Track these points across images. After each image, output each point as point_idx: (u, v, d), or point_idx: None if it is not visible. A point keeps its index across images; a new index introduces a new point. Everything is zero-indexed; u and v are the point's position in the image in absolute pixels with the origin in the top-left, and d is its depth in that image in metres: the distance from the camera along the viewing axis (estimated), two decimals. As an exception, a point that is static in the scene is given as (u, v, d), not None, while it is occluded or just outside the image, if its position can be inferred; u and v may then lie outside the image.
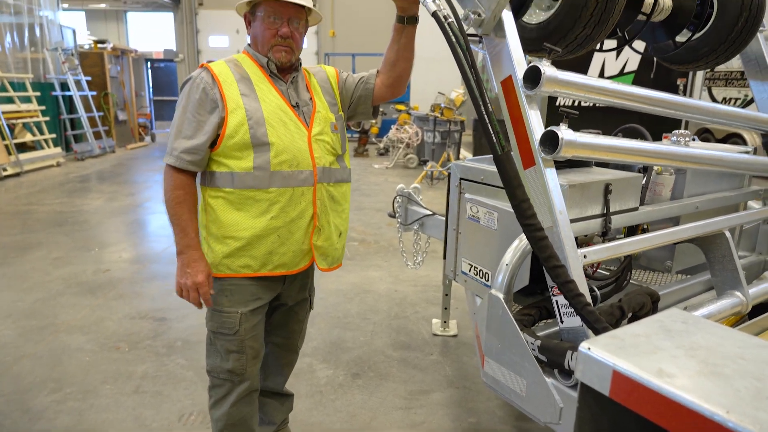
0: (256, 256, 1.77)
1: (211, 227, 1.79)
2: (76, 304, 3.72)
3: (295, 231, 1.80)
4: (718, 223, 1.93)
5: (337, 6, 16.58)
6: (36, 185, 8.15)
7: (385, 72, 1.96)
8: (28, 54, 10.59)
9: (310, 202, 1.81)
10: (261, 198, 1.73)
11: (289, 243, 1.80)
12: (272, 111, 1.74)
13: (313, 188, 1.80)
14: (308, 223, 1.82)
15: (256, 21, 1.77)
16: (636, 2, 1.89)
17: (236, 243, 1.75)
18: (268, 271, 1.80)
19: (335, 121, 1.91)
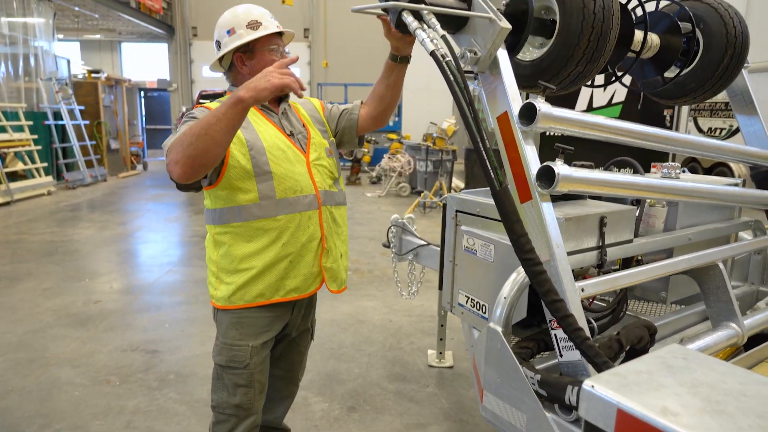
0: (270, 284, 1.78)
1: (222, 262, 1.79)
2: (66, 336, 3.66)
3: (305, 254, 1.82)
4: (711, 255, 1.95)
5: (329, 37, 16.90)
6: (26, 214, 8.09)
7: (372, 105, 2.02)
8: (22, 84, 10.64)
9: (318, 225, 1.85)
10: (270, 227, 1.75)
11: (300, 266, 1.82)
12: (271, 141, 1.77)
13: (318, 211, 1.85)
14: (317, 245, 1.85)
15: (256, 57, 1.82)
16: (626, 40, 1.95)
17: (249, 273, 1.76)
18: (281, 297, 1.81)
19: (329, 146, 1.97)
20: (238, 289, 1.77)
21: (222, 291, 1.79)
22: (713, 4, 2.21)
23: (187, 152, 1.47)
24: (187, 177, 1.51)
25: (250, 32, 1.80)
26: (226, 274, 1.79)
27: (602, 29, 1.67)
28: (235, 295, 1.78)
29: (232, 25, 1.82)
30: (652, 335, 1.66)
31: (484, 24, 1.55)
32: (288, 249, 1.78)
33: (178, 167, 1.49)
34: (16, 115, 9.97)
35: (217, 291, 1.81)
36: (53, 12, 11.74)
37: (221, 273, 1.80)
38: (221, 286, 1.79)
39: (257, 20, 1.82)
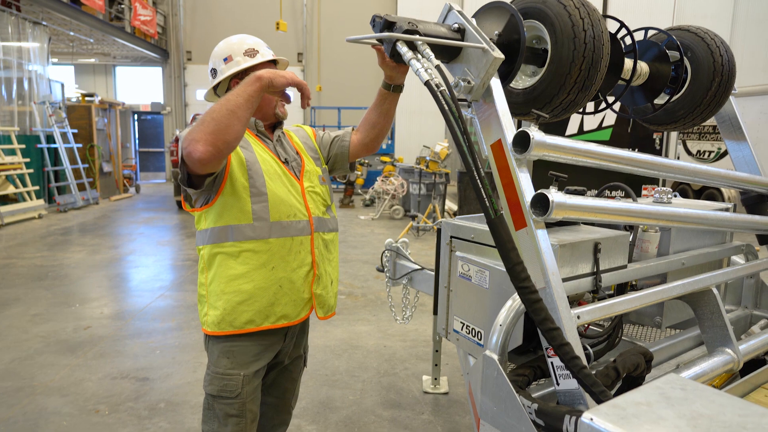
0: (259, 310, 1.77)
1: (212, 285, 1.78)
2: (55, 363, 3.59)
3: (296, 280, 1.82)
4: (705, 281, 1.96)
5: (323, 62, 17.09)
6: (16, 238, 8.01)
7: (364, 131, 2.05)
8: (15, 107, 10.64)
9: (309, 251, 1.85)
10: (261, 249, 1.75)
11: (290, 293, 1.81)
12: (268, 164, 1.80)
13: (310, 237, 1.85)
14: (308, 271, 1.85)
15: None
16: (616, 68, 1.99)
17: (238, 297, 1.75)
18: (270, 323, 1.79)
19: (322, 174, 1.99)
20: (226, 314, 1.75)
21: (211, 316, 1.77)
22: (700, 33, 2.26)
23: (209, 129, 1.47)
24: (209, 156, 1.49)
25: (248, 59, 1.83)
26: (214, 297, 1.77)
27: (593, 58, 1.70)
28: (224, 320, 1.76)
29: (229, 53, 1.84)
30: (649, 362, 1.65)
31: (478, 54, 1.58)
32: (278, 273, 1.77)
33: (200, 145, 1.47)
34: (8, 139, 9.94)
35: (207, 316, 1.79)
36: (48, 36, 11.81)
37: (210, 297, 1.79)
38: (210, 310, 1.78)
39: (254, 48, 1.86)
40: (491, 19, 1.76)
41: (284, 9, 16.35)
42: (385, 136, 2.07)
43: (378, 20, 1.53)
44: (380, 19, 1.52)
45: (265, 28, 14.27)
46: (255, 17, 15.96)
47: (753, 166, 2.47)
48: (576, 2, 1.72)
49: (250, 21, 16.15)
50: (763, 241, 2.46)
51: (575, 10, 1.70)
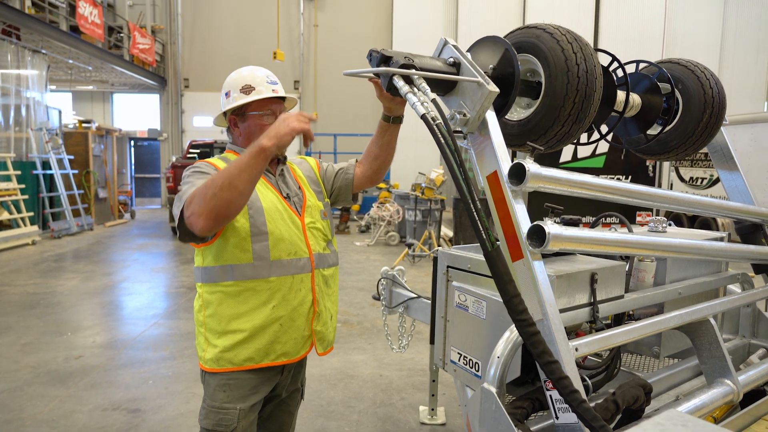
0: (259, 348, 1.75)
1: (210, 323, 1.76)
2: (45, 394, 3.52)
3: (296, 318, 1.81)
4: (702, 311, 1.95)
5: (319, 89, 17.30)
6: (8, 265, 7.93)
7: (367, 164, 2.06)
8: (12, 133, 10.67)
9: (309, 289, 1.84)
10: (261, 288, 1.74)
11: (291, 331, 1.80)
12: (269, 202, 1.78)
13: (311, 274, 1.84)
14: (309, 309, 1.84)
15: (247, 121, 1.84)
16: (609, 100, 2.02)
17: (238, 336, 1.73)
18: (270, 361, 1.77)
19: (323, 209, 1.97)
20: (225, 351, 1.74)
21: (210, 353, 1.75)
22: (690, 66, 2.31)
23: (210, 204, 1.47)
24: (209, 229, 1.52)
25: (242, 96, 1.82)
26: (214, 335, 1.76)
27: (586, 91, 1.73)
28: (223, 358, 1.74)
29: (230, 88, 1.85)
30: (648, 394, 1.64)
31: (473, 87, 1.60)
32: (278, 312, 1.76)
33: (201, 220, 1.48)
34: (4, 165, 9.94)
35: (205, 353, 1.77)
36: (47, 64, 11.93)
37: (209, 334, 1.77)
38: (209, 348, 1.76)
39: (251, 84, 1.83)
40: (486, 53, 1.80)
41: (281, 37, 16.63)
42: (387, 168, 2.08)
43: (375, 55, 1.55)
44: (377, 54, 1.55)
45: (262, 57, 14.47)
46: (252, 46, 16.20)
47: (746, 196, 2.50)
48: (569, 37, 1.75)
49: (247, 50, 16.38)
50: (758, 270, 2.47)
51: (568, 44, 1.73)
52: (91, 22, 12.19)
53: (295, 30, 17.16)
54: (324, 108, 17.33)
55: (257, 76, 1.87)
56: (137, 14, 16.85)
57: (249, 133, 1.84)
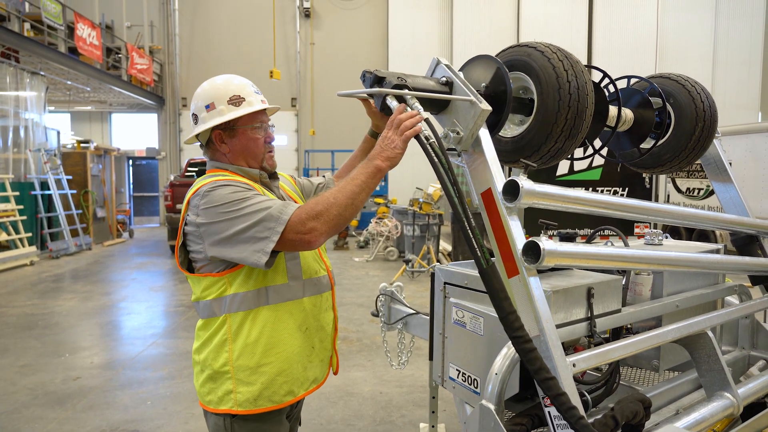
0: (296, 377, 1.65)
1: (242, 359, 1.58)
2: (42, 417, 3.49)
3: (324, 339, 1.77)
4: (700, 323, 1.96)
5: (316, 106, 17.42)
6: (7, 286, 7.91)
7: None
8: (11, 155, 10.71)
9: (331, 307, 1.82)
10: (296, 310, 1.65)
11: (320, 352, 1.75)
12: None
13: (332, 291, 1.82)
14: (332, 328, 1.81)
15: (236, 136, 1.66)
16: (601, 116, 2.04)
17: (277, 367, 1.60)
18: (304, 390, 1.69)
19: None
20: (265, 388, 1.58)
21: (244, 393, 1.57)
22: (680, 81, 2.34)
23: (335, 222, 1.46)
24: (323, 243, 1.52)
25: (232, 109, 1.63)
26: (247, 372, 1.57)
27: (578, 108, 1.75)
28: (262, 396, 1.58)
29: (212, 100, 1.63)
30: (647, 408, 1.63)
31: (466, 106, 1.62)
32: (311, 336, 1.69)
33: (323, 237, 1.47)
34: (2, 186, 9.96)
35: (236, 394, 1.57)
36: (46, 86, 12.02)
37: (240, 372, 1.57)
38: (242, 387, 1.57)
39: (239, 95, 1.64)
40: (478, 71, 1.82)
41: (278, 56, 16.78)
42: None
43: (368, 75, 1.58)
44: (370, 75, 1.57)
45: (259, 76, 14.57)
46: (249, 65, 16.34)
47: (741, 207, 2.51)
48: (559, 55, 1.78)
49: (244, 69, 16.50)
50: (755, 281, 2.48)
51: (559, 62, 1.76)
52: (89, 43, 12.30)
53: (291, 48, 17.33)
54: (321, 125, 17.43)
55: (245, 86, 1.69)
56: (135, 35, 17.01)
57: (241, 149, 1.67)
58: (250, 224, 1.45)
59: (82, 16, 12.17)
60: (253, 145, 1.68)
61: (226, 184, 1.53)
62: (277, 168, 1.84)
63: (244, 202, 1.48)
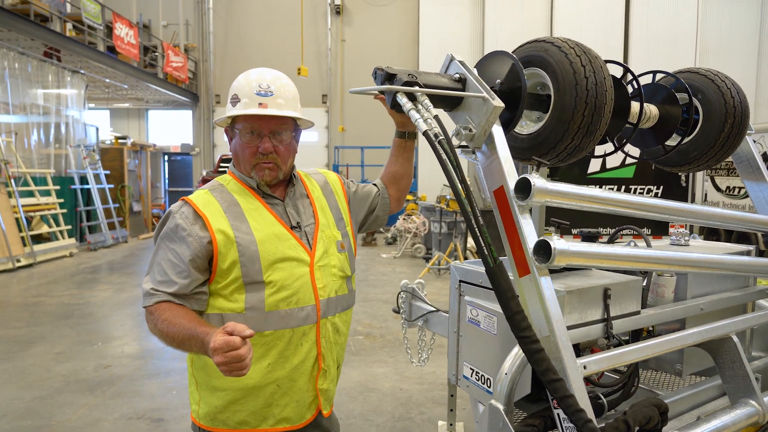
0: (254, 411, 1.55)
1: (200, 376, 1.58)
2: (74, 402, 3.63)
3: (297, 378, 1.57)
4: (723, 327, 1.89)
5: (346, 103, 17.48)
6: (47, 276, 8.23)
7: (394, 187, 1.93)
8: (52, 150, 11.14)
9: (314, 343, 1.58)
10: (255, 342, 1.48)
11: (291, 393, 1.57)
12: (267, 241, 1.53)
13: (316, 326, 1.58)
14: (312, 366, 1.59)
15: (235, 137, 1.61)
16: (622, 112, 1.99)
17: (230, 396, 1.53)
18: (269, 426, 1.57)
19: (341, 239, 1.70)
20: (219, 411, 1.55)
21: (204, 408, 1.58)
22: (709, 75, 2.26)
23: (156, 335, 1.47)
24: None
25: (230, 109, 1.59)
26: (205, 390, 1.57)
27: (596, 104, 1.71)
28: (217, 418, 1.56)
29: (233, 92, 1.62)
30: (663, 414, 1.59)
31: (478, 102, 1.60)
32: (276, 372, 1.53)
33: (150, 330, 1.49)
34: (44, 180, 10.36)
35: (199, 407, 1.59)
36: (85, 84, 12.43)
37: (201, 389, 1.59)
38: (203, 405, 1.58)
39: (237, 95, 1.58)
40: (494, 68, 1.80)
41: (309, 53, 16.91)
42: (410, 186, 1.97)
43: (379, 72, 1.57)
44: (381, 72, 1.57)
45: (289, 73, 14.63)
46: (280, 62, 16.50)
47: (774, 208, 2.41)
48: (577, 50, 1.74)
49: (276, 66, 16.56)
50: (788, 284, 2.37)
51: (576, 57, 1.72)
52: (127, 42, 12.65)
53: (322, 45, 17.44)
54: (351, 121, 17.49)
55: (250, 85, 1.57)
56: (171, 34, 17.40)
57: (235, 151, 1.62)
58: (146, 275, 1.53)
59: (120, 16, 12.52)
60: (240, 150, 1.59)
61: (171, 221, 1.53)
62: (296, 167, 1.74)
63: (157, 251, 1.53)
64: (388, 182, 1.93)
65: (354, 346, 4.82)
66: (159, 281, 1.49)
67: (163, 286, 1.48)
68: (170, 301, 1.47)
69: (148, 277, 1.53)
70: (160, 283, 1.49)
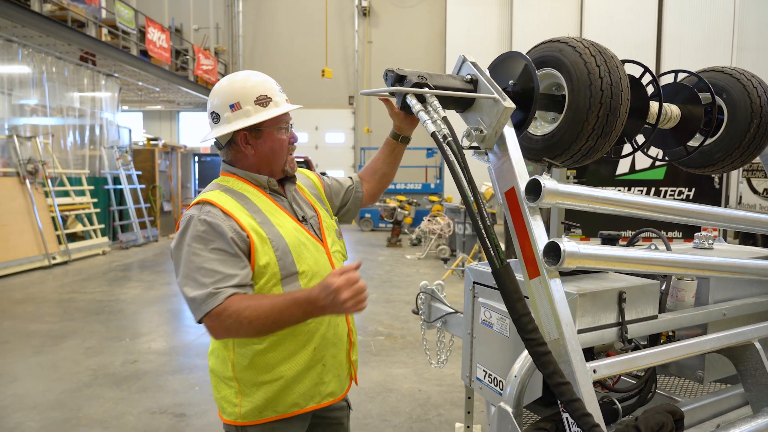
0: (304, 392, 1.63)
1: (244, 376, 1.59)
2: (101, 396, 3.74)
3: (337, 354, 1.71)
4: (746, 333, 1.84)
5: (372, 104, 17.55)
6: (81, 273, 8.49)
7: (374, 182, 2.00)
8: (87, 151, 11.50)
9: (344, 320, 1.75)
10: (299, 331, 1.59)
11: (333, 369, 1.70)
12: (292, 236, 1.60)
13: None
14: (347, 341, 1.76)
15: (262, 138, 1.61)
16: (640, 112, 1.95)
17: (279, 384, 1.59)
18: (316, 403, 1.67)
19: (338, 227, 1.85)
20: (269, 402, 1.60)
21: (247, 405, 1.59)
22: (735, 74, 2.20)
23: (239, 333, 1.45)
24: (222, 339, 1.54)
25: (260, 110, 1.57)
26: (250, 387, 1.59)
27: (611, 105, 1.68)
28: (268, 407, 1.60)
29: (237, 99, 1.56)
30: (678, 421, 1.55)
31: (489, 104, 1.60)
32: (320, 353, 1.65)
33: (221, 336, 1.49)
34: (79, 181, 10.71)
35: (240, 407, 1.60)
36: (119, 87, 12.79)
37: (245, 387, 1.60)
38: (245, 400, 1.59)
39: (267, 95, 1.58)
40: (507, 69, 1.79)
41: (336, 55, 17.04)
42: (389, 184, 2.04)
43: (390, 74, 1.58)
44: (392, 73, 1.58)
45: (316, 75, 14.86)
46: (307, 65, 16.70)
47: (803, 211, 2.33)
48: (592, 50, 1.72)
49: (303, 68, 16.90)
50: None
51: (591, 57, 1.70)
52: (159, 46, 12.97)
53: (349, 47, 17.55)
54: (377, 122, 17.55)
55: (269, 84, 1.62)
56: (202, 37, 17.77)
57: (268, 151, 1.63)
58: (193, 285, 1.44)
59: (152, 21, 12.85)
60: (278, 148, 1.64)
61: (199, 224, 1.48)
62: (319, 163, 1.86)
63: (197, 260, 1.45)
64: (368, 177, 2.00)
65: (374, 346, 4.83)
66: (214, 281, 1.42)
67: (222, 283, 1.42)
68: (237, 293, 1.43)
69: (191, 287, 1.43)
70: (217, 282, 1.42)
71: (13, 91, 10.06)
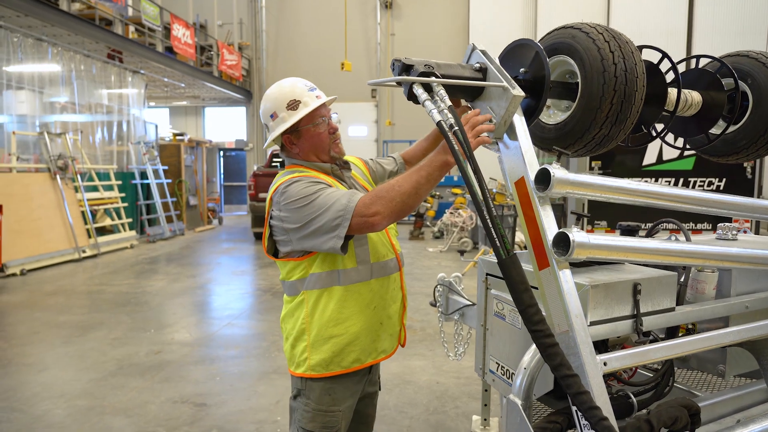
0: (364, 348, 1.84)
1: (313, 331, 1.81)
2: (125, 385, 3.83)
3: (392, 315, 1.93)
4: (766, 327, 1.78)
5: (395, 96, 17.49)
6: (109, 266, 8.71)
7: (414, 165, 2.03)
8: (115, 147, 11.75)
9: (399, 286, 1.97)
10: (364, 290, 1.82)
11: (389, 328, 1.92)
12: None
13: (399, 273, 1.97)
14: (400, 305, 1.98)
15: (302, 137, 1.83)
16: (658, 99, 1.90)
17: (345, 339, 1.80)
18: (372, 359, 1.88)
19: None
20: (335, 355, 1.80)
21: (316, 358, 1.80)
22: (761, 59, 2.12)
23: (398, 208, 1.61)
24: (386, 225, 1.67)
25: (292, 114, 1.79)
26: (320, 341, 1.80)
27: (626, 91, 1.64)
28: (333, 362, 1.80)
29: (274, 109, 1.81)
30: (694, 416, 1.51)
31: (499, 92, 1.57)
32: (379, 312, 1.86)
33: (386, 220, 1.62)
34: (107, 176, 10.97)
35: (310, 360, 1.81)
36: (145, 83, 13.01)
37: (315, 341, 1.81)
38: (314, 354, 1.80)
39: (295, 99, 1.80)
40: (519, 57, 1.76)
41: (359, 48, 17.01)
42: None
43: (397, 64, 1.57)
44: (399, 63, 1.56)
45: (339, 68, 14.85)
46: (330, 58, 16.70)
47: (833, 201, 2.23)
48: (606, 36, 1.68)
49: (326, 62, 16.91)
50: None
51: (605, 43, 1.65)
52: (183, 42, 13.14)
53: (371, 40, 17.50)
54: (399, 114, 17.49)
55: (297, 87, 1.83)
56: (225, 33, 17.94)
57: (310, 146, 1.84)
58: (324, 217, 1.64)
59: (177, 17, 13.02)
60: (318, 141, 1.84)
61: (298, 180, 1.72)
62: (347, 154, 2.00)
63: (316, 195, 1.67)
64: (413, 159, 2.16)
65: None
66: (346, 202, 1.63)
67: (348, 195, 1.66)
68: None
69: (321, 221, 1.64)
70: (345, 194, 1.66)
71: (44, 89, 10.34)
